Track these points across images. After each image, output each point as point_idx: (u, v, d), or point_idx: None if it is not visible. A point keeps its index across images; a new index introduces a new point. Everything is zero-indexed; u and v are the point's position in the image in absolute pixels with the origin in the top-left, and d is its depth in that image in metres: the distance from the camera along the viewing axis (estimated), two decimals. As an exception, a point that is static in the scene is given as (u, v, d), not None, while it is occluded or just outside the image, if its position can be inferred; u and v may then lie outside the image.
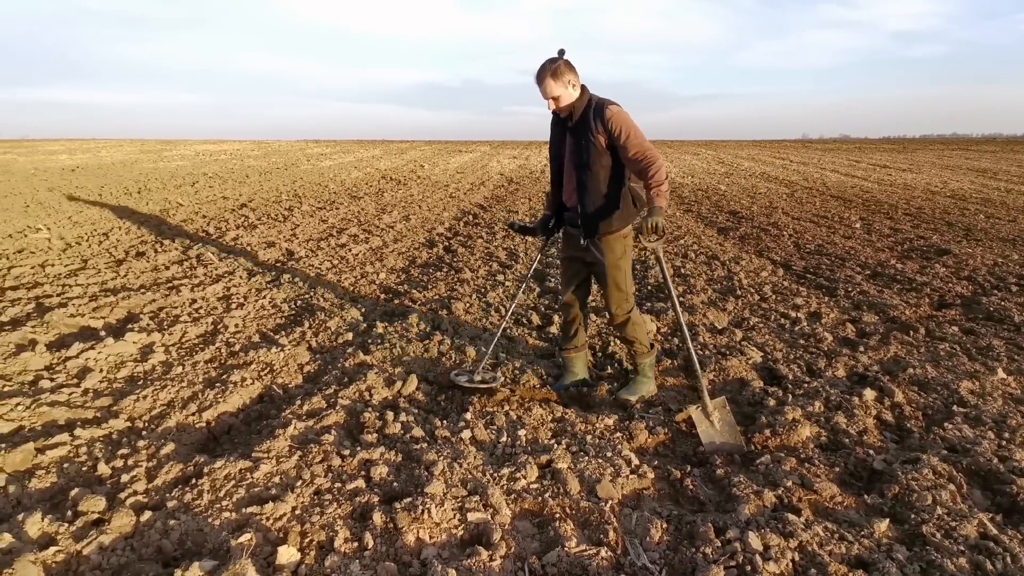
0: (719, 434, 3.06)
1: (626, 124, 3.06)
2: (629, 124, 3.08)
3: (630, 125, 3.08)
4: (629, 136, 3.04)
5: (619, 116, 3.08)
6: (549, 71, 3.05)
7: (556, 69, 3.05)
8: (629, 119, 3.11)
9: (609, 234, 3.27)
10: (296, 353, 3.99)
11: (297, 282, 5.81)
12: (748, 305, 5.59)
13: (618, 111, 3.10)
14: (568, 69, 3.07)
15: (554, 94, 3.09)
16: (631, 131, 3.05)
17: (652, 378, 3.59)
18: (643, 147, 3.05)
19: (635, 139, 3.05)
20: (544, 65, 3.07)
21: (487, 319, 4.98)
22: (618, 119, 3.06)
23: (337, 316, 4.77)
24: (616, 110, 3.10)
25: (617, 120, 3.06)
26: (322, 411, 3.16)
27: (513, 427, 3.08)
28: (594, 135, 3.09)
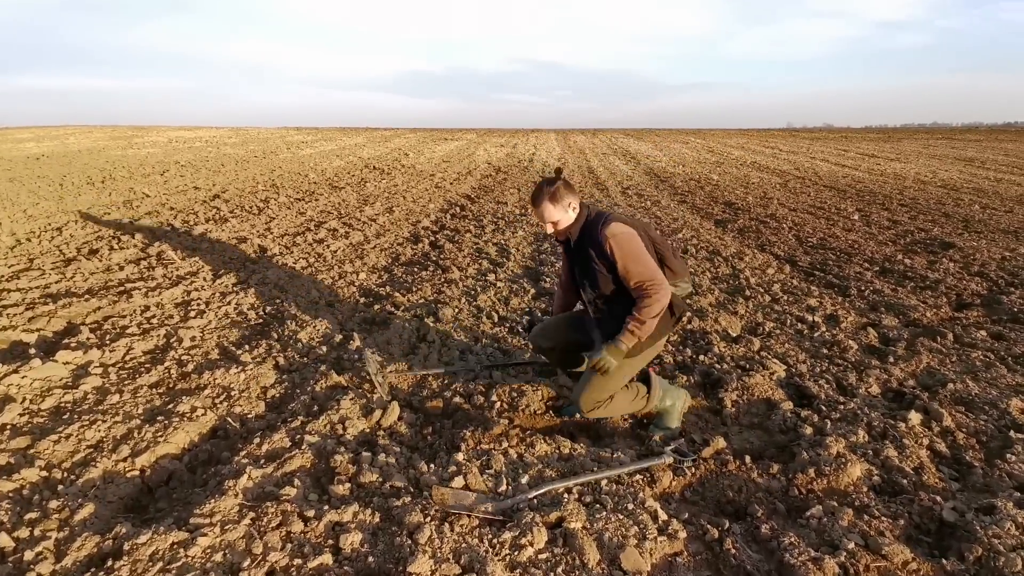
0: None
1: (624, 252, 2.68)
2: (628, 251, 2.68)
3: (629, 252, 2.68)
4: (628, 266, 2.69)
5: (617, 244, 2.67)
6: (547, 195, 2.75)
7: (555, 193, 2.75)
8: (628, 244, 2.68)
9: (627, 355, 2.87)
10: (260, 373, 3.42)
11: (268, 284, 5.22)
12: (760, 307, 5.13)
13: (616, 238, 2.68)
14: (567, 191, 2.78)
15: (553, 219, 2.79)
16: (631, 259, 2.68)
17: (673, 414, 3.07)
18: (644, 276, 2.68)
19: (636, 267, 2.68)
20: (541, 188, 2.77)
21: (479, 326, 4.45)
22: (617, 248, 2.67)
23: (310, 326, 4.21)
24: (613, 236, 2.68)
25: (616, 250, 2.68)
26: (285, 452, 2.62)
27: (514, 470, 2.56)
28: (596, 262, 2.78)
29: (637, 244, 2.69)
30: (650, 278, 2.66)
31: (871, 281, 6.03)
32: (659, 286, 2.67)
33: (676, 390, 3.07)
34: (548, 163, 18.30)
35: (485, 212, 9.48)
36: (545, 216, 2.78)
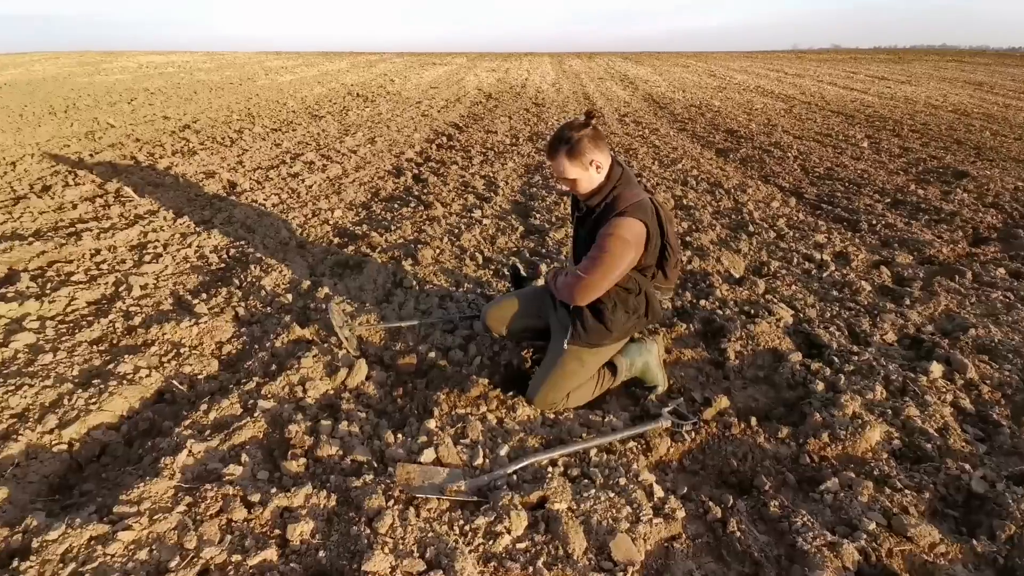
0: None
1: (611, 237, 2.25)
2: (614, 240, 2.25)
3: (615, 243, 2.25)
4: (594, 261, 2.29)
5: (611, 242, 2.25)
6: (565, 148, 2.25)
7: (576, 146, 2.24)
8: (619, 250, 2.25)
9: (577, 343, 2.49)
10: (215, 327, 3.08)
11: (234, 224, 4.79)
12: (764, 245, 4.76)
13: (616, 237, 2.24)
14: (594, 145, 2.26)
15: (568, 176, 2.30)
16: (601, 262, 2.27)
17: (650, 371, 2.70)
18: (596, 263, 2.28)
19: (601, 252, 2.27)
20: (561, 136, 2.26)
21: (461, 269, 4.08)
22: (608, 243, 2.25)
23: (276, 271, 3.83)
24: (616, 233, 2.25)
25: (605, 241, 2.26)
26: (234, 421, 2.31)
27: (492, 439, 2.27)
28: (597, 231, 2.35)
29: (623, 256, 2.27)
30: (598, 269, 2.28)
31: (883, 214, 5.64)
32: (593, 281, 2.31)
33: (641, 345, 2.67)
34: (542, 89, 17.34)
35: (473, 142, 8.89)
36: (559, 170, 2.31)
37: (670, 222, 2.42)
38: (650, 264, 2.40)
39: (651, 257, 2.37)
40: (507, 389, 2.65)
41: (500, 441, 2.24)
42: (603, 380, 2.57)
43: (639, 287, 2.43)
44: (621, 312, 2.43)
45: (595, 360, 2.51)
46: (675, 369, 2.92)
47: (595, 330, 2.43)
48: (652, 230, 2.28)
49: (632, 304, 2.44)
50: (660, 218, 2.34)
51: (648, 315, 2.51)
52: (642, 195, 2.32)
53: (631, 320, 2.47)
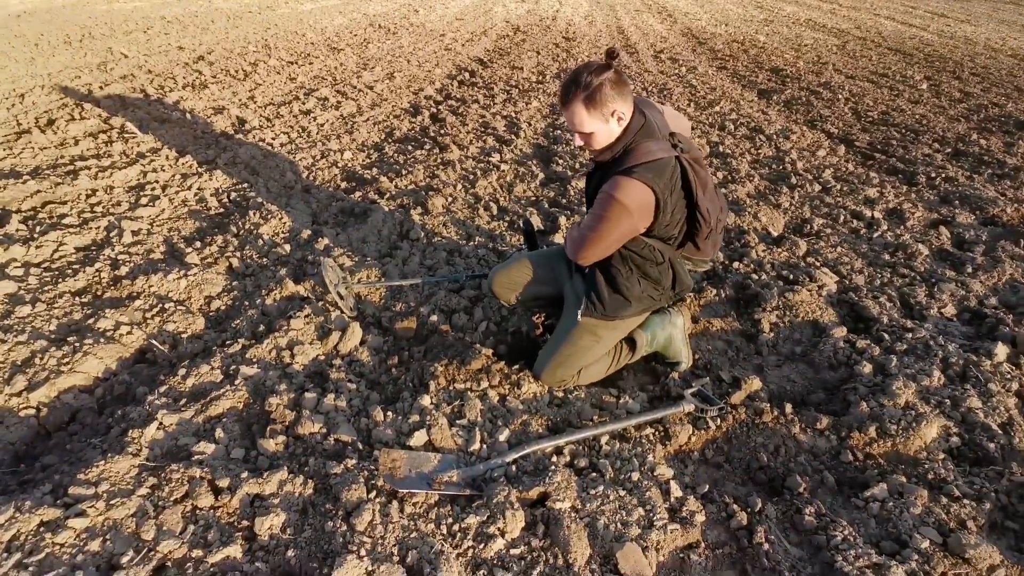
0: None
1: (606, 198, 1.92)
2: (609, 203, 1.91)
3: (609, 206, 1.92)
4: (595, 208, 1.97)
5: (617, 194, 1.89)
6: (582, 95, 1.88)
7: (595, 92, 1.86)
8: (616, 205, 1.90)
9: (592, 315, 2.17)
10: (206, 279, 2.86)
11: (239, 164, 4.52)
12: (807, 199, 4.31)
13: (621, 187, 1.89)
14: (616, 92, 1.88)
15: (583, 128, 1.94)
16: (601, 211, 1.94)
17: (674, 346, 2.38)
18: (589, 225, 1.99)
19: (595, 214, 1.97)
20: (577, 79, 1.89)
21: (475, 219, 3.77)
22: (613, 197, 1.90)
23: (276, 217, 3.57)
24: (621, 185, 1.89)
25: (610, 194, 1.91)
26: (213, 389, 2.11)
27: (493, 420, 2.03)
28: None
29: (620, 223, 1.93)
30: (588, 243, 2.00)
31: (942, 166, 5.09)
32: (582, 250, 2.03)
33: (665, 316, 2.34)
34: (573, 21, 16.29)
35: (497, 79, 8.33)
36: (574, 122, 1.93)
37: (704, 186, 2.03)
38: (671, 235, 2.06)
39: (670, 227, 2.02)
40: (514, 360, 2.39)
41: (501, 423, 2.00)
42: (620, 356, 2.30)
43: (662, 256, 2.10)
44: (641, 282, 2.12)
45: (612, 335, 2.22)
46: (701, 341, 2.62)
47: (612, 302, 2.13)
48: (663, 198, 1.91)
49: (654, 274, 2.12)
50: (689, 182, 1.97)
51: (675, 286, 2.19)
52: (662, 153, 1.92)
53: (653, 292, 2.15)
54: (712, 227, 2.08)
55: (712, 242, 2.17)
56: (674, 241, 2.09)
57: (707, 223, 2.04)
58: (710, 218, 2.05)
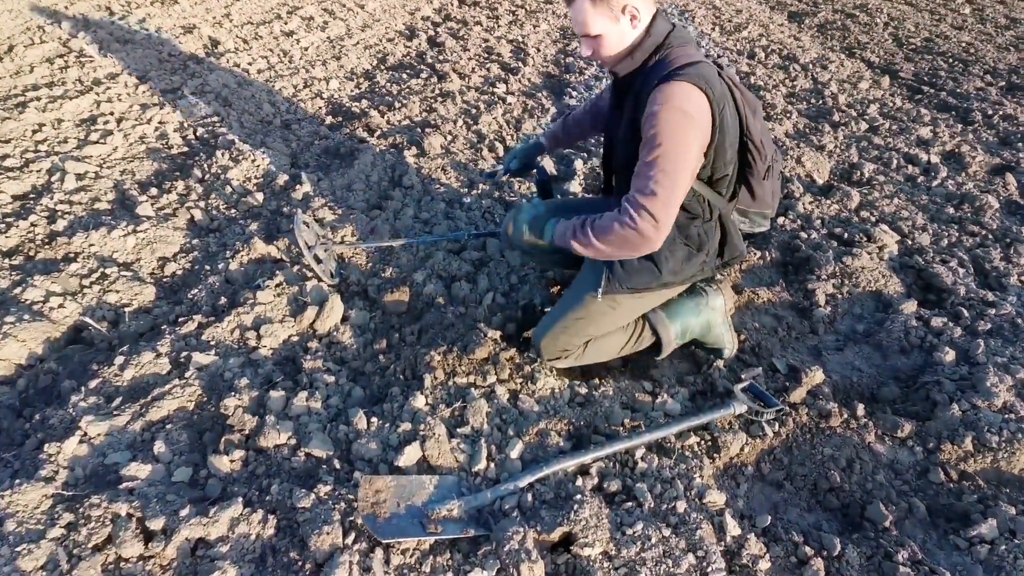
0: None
1: (663, 135, 1.43)
2: (668, 138, 1.43)
3: (669, 139, 1.43)
4: (649, 158, 1.46)
5: (665, 118, 1.42)
6: None
7: None
8: (679, 128, 1.42)
9: (615, 291, 1.70)
10: (160, 236, 2.38)
11: (208, 94, 3.92)
12: (853, 139, 3.75)
13: (669, 107, 1.42)
14: None
15: (590, 30, 1.51)
16: (663, 152, 1.44)
17: (713, 333, 1.93)
18: (655, 189, 1.45)
19: (657, 168, 1.44)
20: None
21: (478, 162, 3.24)
22: (660, 123, 1.43)
23: (249, 159, 3.04)
24: (668, 102, 1.42)
25: (657, 125, 1.43)
26: (157, 383, 1.69)
27: (502, 427, 1.62)
28: (633, 127, 1.55)
29: (688, 136, 1.43)
30: (659, 202, 1.45)
31: (998, 102, 4.48)
32: (656, 224, 1.47)
33: (698, 300, 1.87)
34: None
35: (501, -3, 7.46)
36: (577, 20, 1.50)
37: (754, 110, 1.58)
38: (723, 174, 1.58)
39: (723, 158, 1.54)
40: (526, 341, 1.97)
41: (512, 431, 1.59)
42: (640, 336, 1.84)
43: (710, 211, 1.64)
44: (680, 247, 1.66)
45: (634, 304, 1.76)
46: (746, 317, 2.18)
47: (640, 271, 1.66)
48: (718, 108, 1.45)
49: (697, 235, 1.65)
50: (735, 100, 1.51)
51: (723, 252, 1.73)
52: (702, 58, 1.50)
53: (694, 259, 1.69)
54: (768, 162, 1.61)
55: (771, 187, 1.69)
56: (727, 185, 1.62)
57: (762, 156, 1.58)
58: (764, 150, 1.58)
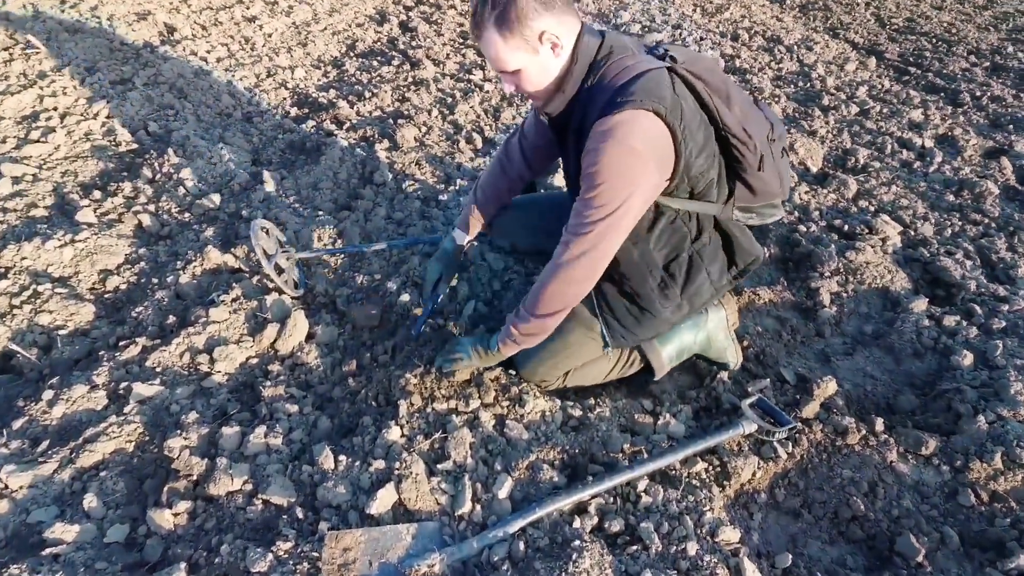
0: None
1: (610, 163, 1.25)
2: (617, 167, 1.25)
3: (619, 169, 1.25)
4: (595, 181, 1.28)
5: (613, 141, 1.23)
6: (492, 15, 1.25)
7: (508, 10, 1.23)
8: (623, 152, 1.24)
9: (626, 344, 1.59)
10: (103, 246, 2.13)
11: (161, 85, 3.62)
12: (845, 124, 3.61)
13: (619, 127, 1.23)
14: (540, 6, 1.25)
15: (507, 67, 1.32)
16: (609, 178, 1.27)
17: (715, 348, 1.74)
18: (594, 212, 1.30)
19: (597, 192, 1.28)
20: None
21: (454, 156, 3.03)
22: (608, 148, 1.24)
23: (205, 156, 2.78)
24: (619, 124, 1.23)
25: (603, 147, 1.25)
26: (91, 421, 1.47)
27: (488, 460, 1.43)
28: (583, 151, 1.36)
29: (634, 174, 1.26)
30: (589, 243, 1.32)
31: (985, 83, 4.37)
32: (588, 267, 1.34)
33: (699, 317, 1.67)
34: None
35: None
36: (490, 56, 1.31)
37: (727, 98, 1.37)
38: (708, 180, 1.40)
39: (699, 168, 1.36)
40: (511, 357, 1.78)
41: (499, 465, 1.40)
42: (627, 364, 1.67)
43: (698, 227, 1.48)
44: (673, 286, 1.51)
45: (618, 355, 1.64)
46: (747, 319, 2.02)
47: (643, 325, 1.54)
48: (677, 123, 1.26)
49: (688, 262, 1.50)
50: (699, 95, 1.31)
51: (736, 260, 1.55)
52: (645, 66, 1.28)
53: (697, 287, 1.53)
54: (759, 150, 1.41)
55: (774, 172, 1.49)
56: (716, 188, 1.44)
57: (750, 146, 1.38)
58: (751, 138, 1.38)
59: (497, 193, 1.77)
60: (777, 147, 1.49)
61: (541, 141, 1.68)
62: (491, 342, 1.53)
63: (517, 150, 1.72)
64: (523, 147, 1.72)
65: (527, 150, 1.72)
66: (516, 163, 1.74)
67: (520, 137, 1.72)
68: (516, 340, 1.48)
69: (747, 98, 1.48)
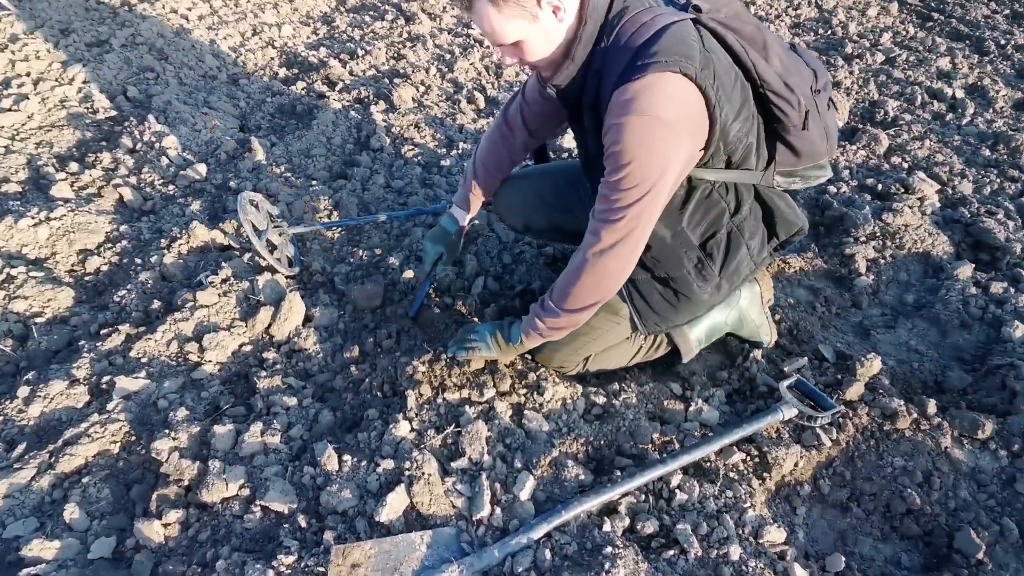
0: None
1: (637, 139, 1.06)
2: (645, 142, 1.06)
3: (647, 145, 1.07)
4: (621, 160, 1.09)
5: (637, 113, 1.04)
6: None
7: None
8: (657, 127, 1.05)
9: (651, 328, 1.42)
10: (80, 224, 1.95)
11: (139, 46, 3.36)
12: (870, 73, 3.35)
13: (643, 95, 1.04)
14: None
15: (503, 39, 1.12)
16: (637, 156, 1.08)
17: (748, 328, 1.59)
18: (624, 194, 1.11)
19: (626, 173, 1.10)
20: None
21: (456, 116, 2.81)
22: (632, 121, 1.05)
23: (189, 123, 2.57)
24: (642, 92, 1.04)
25: (626, 121, 1.06)
26: (72, 421, 1.33)
27: (506, 456, 1.30)
28: (601, 126, 1.16)
29: (666, 149, 1.08)
30: (621, 230, 1.14)
31: (1008, 31, 4.08)
32: (623, 254, 1.17)
33: (735, 294, 1.52)
34: None
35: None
36: (485, 30, 1.12)
37: (763, 46, 1.19)
38: (746, 146, 1.22)
39: (736, 133, 1.18)
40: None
41: (519, 462, 1.27)
42: (652, 347, 1.52)
43: (736, 199, 1.30)
44: (710, 266, 1.34)
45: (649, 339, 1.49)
46: (776, 291, 1.85)
47: (678, 309, 1.38)
48: (707, 85, 1.07)
49: (726, 240, 1.33)
50: (730, 47, 1.13)
51: (777, 231, 1.38)
52: (666, 19, 1.08)
53: (736, 264, 1.36)
54: (803, 105, 1.21)
55: (819, 128, 1.29)
56: (753, 157, 1.26)
57: (791, 102, 1.19)
58: (793, 93, 1.19)
59: (499, 165, 1.58)
60: (823, 99, 1.30)
61: (547, 108, 1.49)
62: (512, 332, 1.37)
63: (518, 118, 1.53)
64: (524, 115, 1.52)
65: (529, 119, 1.52)
66: (518, 132, 1.54)
67: (521, 103, 1.52)
68: (542, 333, 1.32)
69: (785, 45, 1.28)
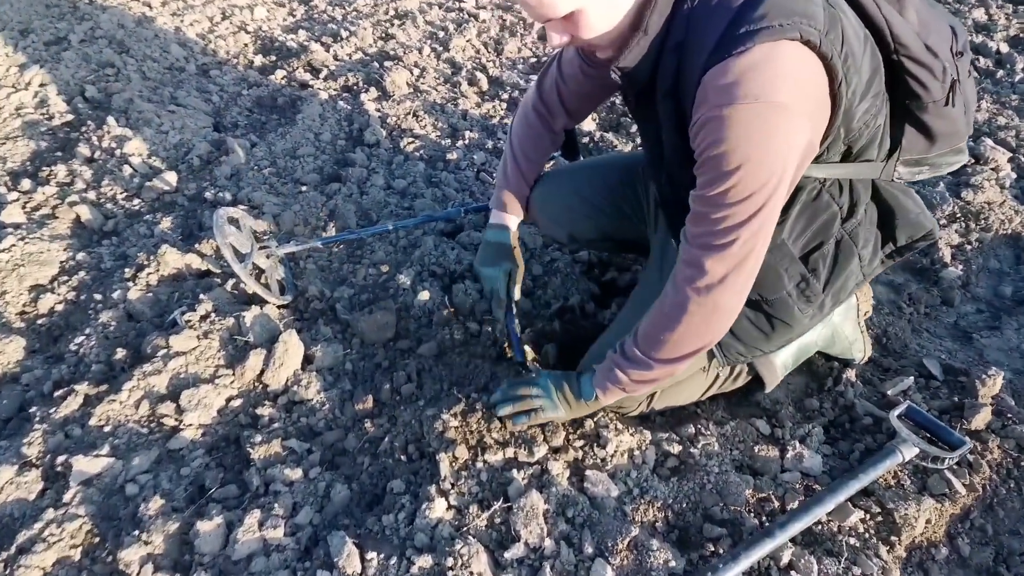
0: None
1: (745, 136, 0.73)
2: (755, 137, 0.73)
3: (758, 141, 0.74)
4: (726, 167, 0.77)
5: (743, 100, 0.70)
6: None
7: None
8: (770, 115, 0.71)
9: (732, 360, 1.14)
10: (32, 255, 1.63)
11: (99, 40, 2.98)
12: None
13: (750, 76, 0.71)
14: None
15: (554, 11, 0.80)
16: (747, 159, 0.75)
17: (846, 339, 1.30)
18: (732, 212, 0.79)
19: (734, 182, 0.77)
20: None
21: (457, 100, 2.48)
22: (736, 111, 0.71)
23: (154, 124, 2.23)
24: (748, 72, 0.71)
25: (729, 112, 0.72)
26: (23, 518, 1.04)
27: (571, 535, 1.02)
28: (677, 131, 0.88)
29: (783, 143, 0.77)
30: (734, 257, 0.84)
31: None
32: (734, 290, 0.87)
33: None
34: None
35: None
36: (534, 8, 0.82)
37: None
38: (872, 128, 0.93)
39: (866, 111, 0.89)
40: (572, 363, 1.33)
41: (590, 544, 0.99)
42: (731, 377, 1.22)
43: (851, 200, 1.02)
44: (814, 284, 1.05)
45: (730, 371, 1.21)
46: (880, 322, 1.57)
47: (767, 340, 1.10)
48: (834, 54, 0.77)
49: (833, 251, 1.04)
50: (860, 3, 0.84)
51: (897, 235, 1.09)
52: None
53: (850, 279, 1.08)
54: (948, 74, 0.91)
55: (962, 105, 0.97)
56: (876, 146, 0.96)
57: (934, 70, 0.89)
58: (937, 58, 0.88)
59: (542, 153, 1.31)
60: (964, 64, 0.99)
61: (588, 87, 1.20)
62: (582, 387, 1.08)
63: (555, 98, 1.26)
64: (562, 93, 1.25)
65: (568, 98, 1.25)
66: (557, 113, 1.29)
67: (557, 80, 1.24)
68: (625, 388, 1.03)
69: None
